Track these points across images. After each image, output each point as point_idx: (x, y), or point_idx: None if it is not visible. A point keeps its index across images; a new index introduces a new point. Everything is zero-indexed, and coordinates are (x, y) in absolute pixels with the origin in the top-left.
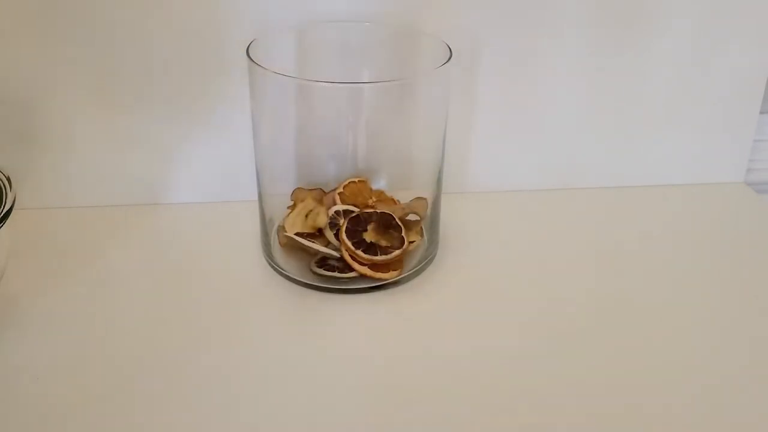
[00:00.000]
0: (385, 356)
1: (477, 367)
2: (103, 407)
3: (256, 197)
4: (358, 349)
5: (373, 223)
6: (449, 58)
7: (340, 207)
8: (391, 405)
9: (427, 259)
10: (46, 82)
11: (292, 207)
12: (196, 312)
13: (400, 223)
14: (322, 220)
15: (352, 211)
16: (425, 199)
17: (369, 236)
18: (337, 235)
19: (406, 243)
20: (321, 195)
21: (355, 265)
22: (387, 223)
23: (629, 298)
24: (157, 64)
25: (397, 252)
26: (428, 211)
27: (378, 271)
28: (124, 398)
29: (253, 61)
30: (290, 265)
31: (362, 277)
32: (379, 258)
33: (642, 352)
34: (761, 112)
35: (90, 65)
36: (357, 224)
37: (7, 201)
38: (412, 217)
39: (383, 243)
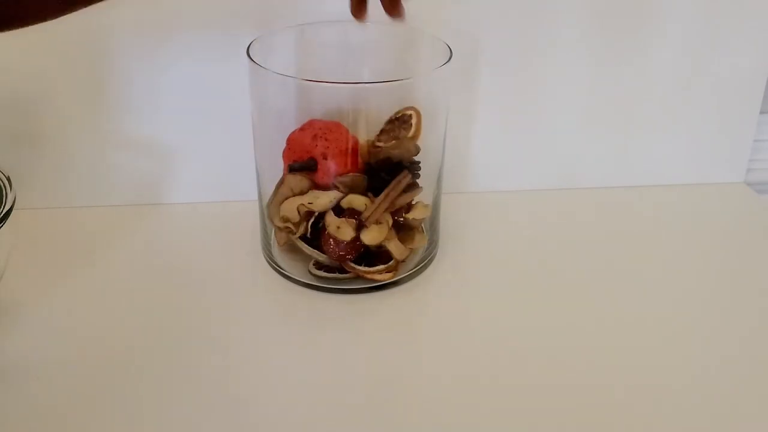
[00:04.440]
0: (385, 356)
1: (476, 366)
2: (104, 406)
3: (256, 197)
4: (358, 349)
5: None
6: (449, 58)
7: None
8: (391, 404)
9: (427, 259)
10: (46, 83)
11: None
12: (195, 312)
13: (394, 236)
14: (323, 202)
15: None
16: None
17: (365, 237)
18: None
19: (393, 261)
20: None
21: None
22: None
23: (629, 298)
24: (157, 64)
25: (386, 274)
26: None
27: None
28: (124, 397)
29: (253, 61)
30: (290, 265)
31: (359, 277)
32: (364, 269)
33: (641, 352)
34: (761, 112)
35: (90, 66)
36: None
37: (8, 201)
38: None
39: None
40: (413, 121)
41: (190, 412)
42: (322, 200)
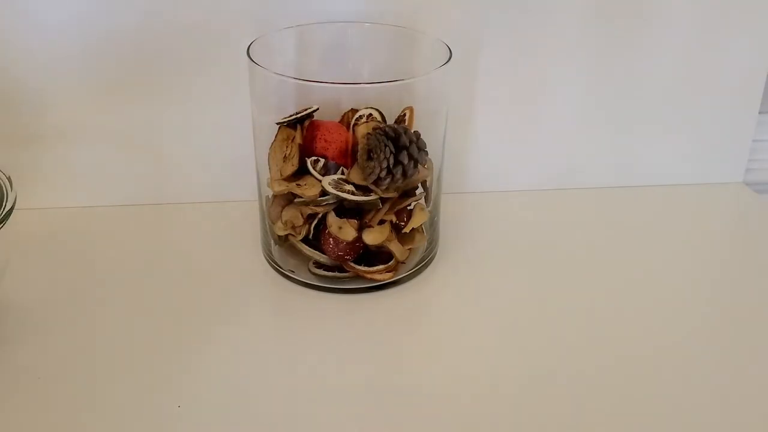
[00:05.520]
0: (384, 356)
1: (476, 367)
2: (103, 405)
3: (256, 197)
4: (358, 349)
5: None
6: (449, 58)
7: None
8: (390, 404)
9: (427, 259)
10: (47, 84)
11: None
12: (195, 312)
13: (394, 236)
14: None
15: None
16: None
17: (367, 237)
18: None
19: (393, 261)
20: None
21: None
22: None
23: (629, 298)
24: (157, 64)
25: (386, 274)
26: (430, 203)
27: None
28: (124, 397)
29: (253, 61)
30: (290, 264)
31: (359, 277)
32: (363, 269)
33: (641, 353)
34: (760, 112)
35: (91, 66)
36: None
37: (8, 201)
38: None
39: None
40: (406, 117)
41: (189, 411)
42: (311, 191)
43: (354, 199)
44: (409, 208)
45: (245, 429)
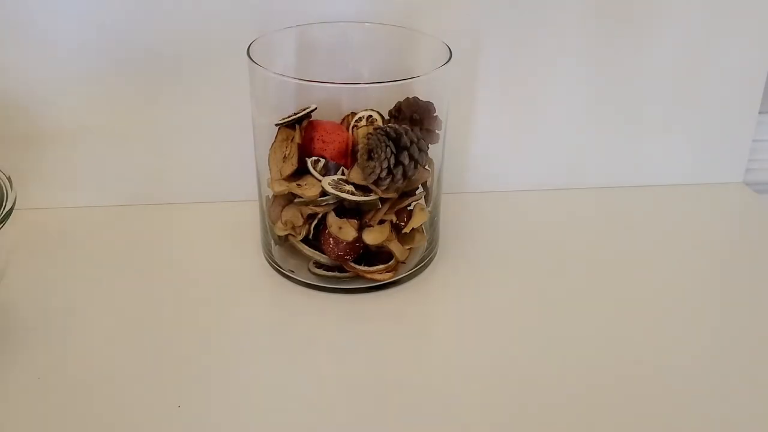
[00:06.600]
0: (384, 356)
1: (476, 367)
2: (103, 406)
3: (256, 197)
4: (358, 349)
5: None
6: (449, 58)
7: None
8: (389, 405)
9: (427, 259)
10: (48, 84)
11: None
12: (195, 312)
13: (394, 236)
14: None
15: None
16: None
17: (367, 237)
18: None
19: (393, 261)
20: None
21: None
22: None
23: (629, 298)
24: (157, 64)
25: (386, 274)
26: (430, 204)
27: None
28: (123, 397)
29: (253, 61)
30: (290, 264)
31: (359, 277)
32: (363, 269)
33: (640, 352)
34: (760, 112)
35: (91, 66)
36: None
37: (8, 201)
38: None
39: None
40: None
41: (188, 411)
42: (311, 191)
43: (354, 199)
44: (409, 208)
45: (245, 429)
